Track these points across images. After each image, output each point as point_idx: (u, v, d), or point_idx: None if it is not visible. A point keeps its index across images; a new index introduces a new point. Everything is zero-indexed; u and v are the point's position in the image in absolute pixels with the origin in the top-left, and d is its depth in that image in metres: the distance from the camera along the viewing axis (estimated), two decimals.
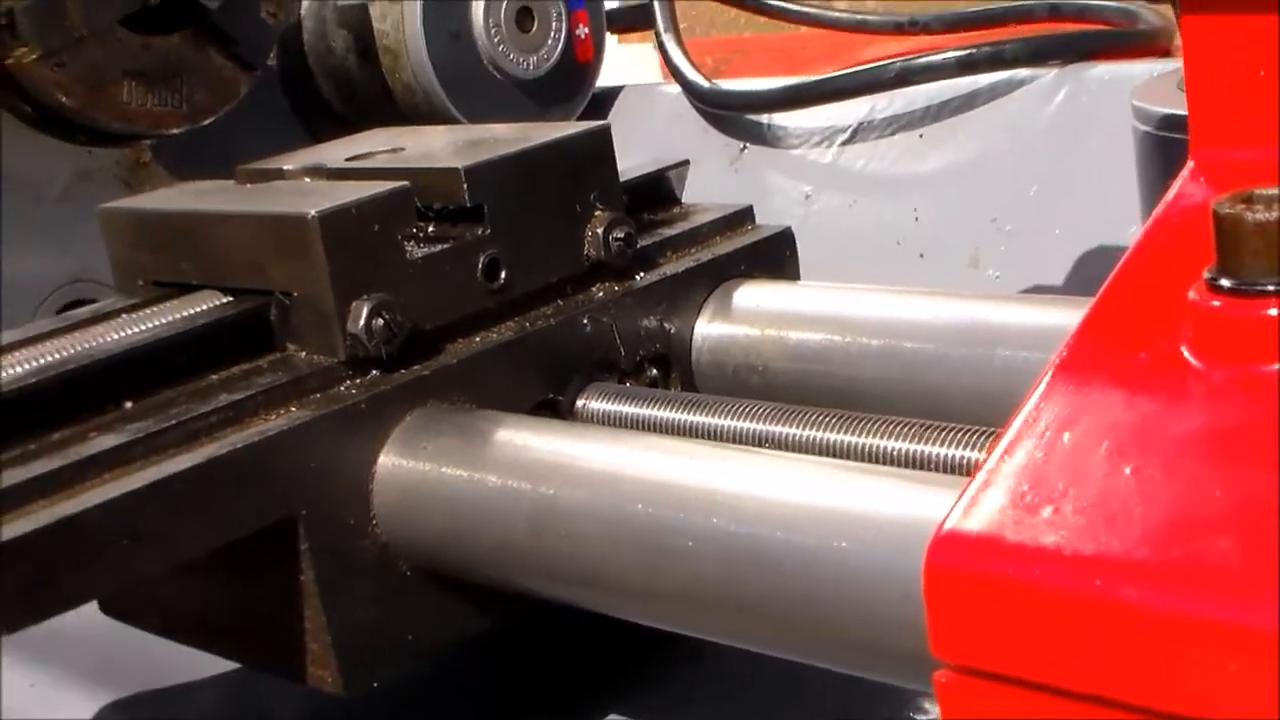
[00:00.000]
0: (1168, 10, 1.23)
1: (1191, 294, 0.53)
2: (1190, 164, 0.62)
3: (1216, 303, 0.52)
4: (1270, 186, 0.51)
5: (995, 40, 1.21)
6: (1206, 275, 0.53)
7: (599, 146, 0.87)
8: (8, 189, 1.22)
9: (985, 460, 0.53)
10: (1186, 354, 0.53)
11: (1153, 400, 0.52)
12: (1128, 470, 0.50)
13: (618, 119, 1.52)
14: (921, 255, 1.21)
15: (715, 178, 1.03)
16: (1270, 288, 0.50)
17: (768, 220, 0.98)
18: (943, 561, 0.51)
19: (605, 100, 1.52)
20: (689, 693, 0.85)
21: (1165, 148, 0.85)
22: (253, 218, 0.80)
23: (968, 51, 1.21)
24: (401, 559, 0.76)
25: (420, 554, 0.76)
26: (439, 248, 0.81)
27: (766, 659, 0.66)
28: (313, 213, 0.75)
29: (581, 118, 1.48)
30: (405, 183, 0.79)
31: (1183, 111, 0.84)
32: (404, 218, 0.79)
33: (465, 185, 0.81)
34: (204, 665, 0.88)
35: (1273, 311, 0.50)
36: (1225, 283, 0.52)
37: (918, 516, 0.56)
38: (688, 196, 1.00)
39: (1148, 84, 0.91)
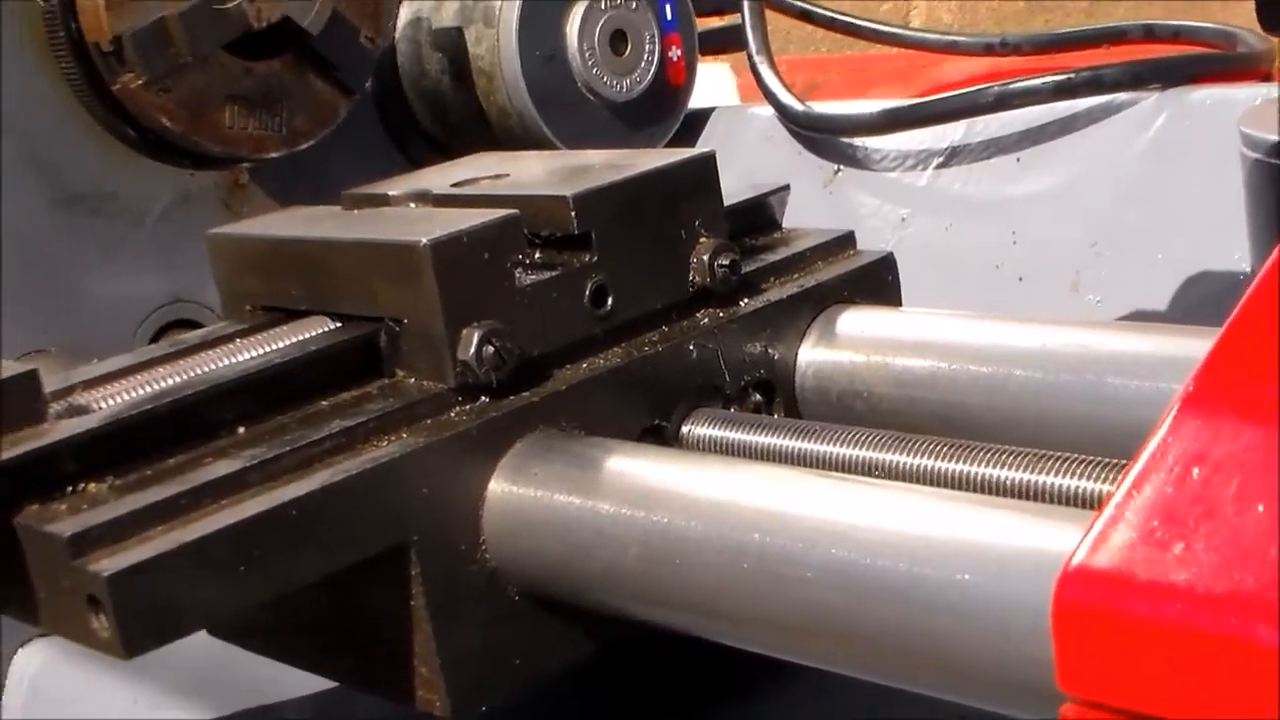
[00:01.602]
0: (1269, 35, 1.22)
1: None
2: None
3: None
4: None
5: (1093, 65, 1.20)
6: None
7: (703, 173, 0.88)
8: (109, 211, 1.23)
9: (1112, 493, 0.53)
10: None
11: None
12: (1260, 508, 0.50)
13: (709, 141, 1.52)
14: (1020, 279, 1.20)
15: (809, 200, 1.03)
16: None
17: (864, 243, 0.97)
18: (1072, 596, 0.51)
19: (696, 122, 1.53)
20: (783, 713, 0.85)
21: (1276, 175, 0.85)
22: (364, 245, 0.80)
23: (1065, 76, 1.21)
24: (510, 584, 0.76)
25: (529, 579, 0.76)
26: (547, 275, 0.81)
27: (861, 681, 0.66)
28: (425, 241, 0.76)
29: (672, 140, 1.48)
30: (515, 211, 0.80)
31: None
32: (513, 245, 0.80)
33: (573, 213, 0.82)
34: (300, 683, 0.88)
35: None
36: None
37: (1043, 549, 0.56)
38: (785, 221, 1.00)
39: (1254, 110, 0.90)
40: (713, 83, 1.88)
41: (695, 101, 1.53)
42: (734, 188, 0.93)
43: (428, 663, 0.75)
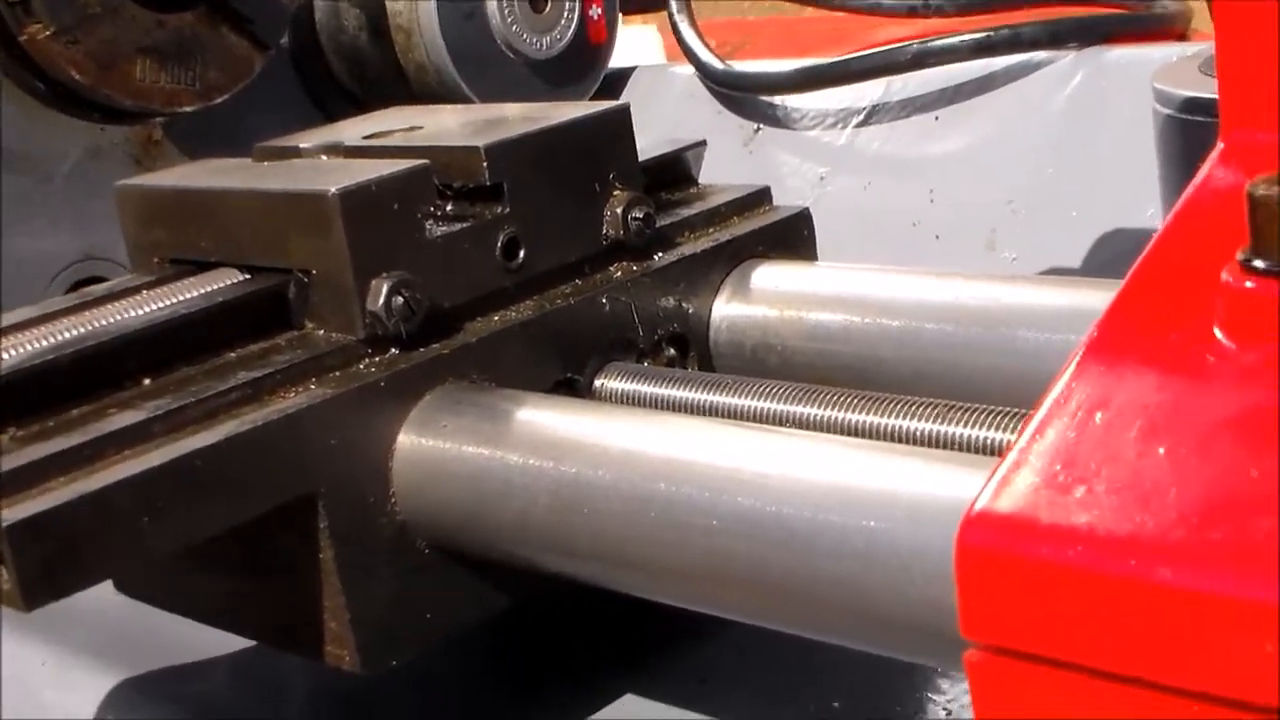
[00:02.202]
0: None
1: (1224, 275, 0.53)
2: (1220, 145, 0.61)
3: (1250, 284, 0.52)
4: None
5: (1012, 23, 1.20)
6: (1240, 257, 0.52)
7: (618, 126, 0.87)
8: (19, 167, 1.21)
9: (1015, 440, 0.53)
10: (1219, 334, 0.53)
11: (1185, 381, 0.52)
12: (1161, 451, 0.50)
13: (630, 99, 1.50)
14: (937, 237, 1.20)
15: (729, 159, 1.02)
16: None
17: (783, 202, 0.97)
18: (975, 541, 0.51)
19: (617, 81, 1.52)
20: (704, 671, 0.85)
21: (1186, 131, 0.85)
22: (272, 195, 0.79)
23: (985, 34, 1.21)
24: (420, 537, 0.76)
25: (440, 532, 0.75)
26: (458, 226, 0.81)
27: (781, 636, 0.66)
28: (333, 190, 0.75)
29: (593, 98, 1.47)
30: (425, 161, 0.79)
31: (1204, 94, 0.85)
32: (424, 196, 0.79)
33: (485, 163, 0.81)
34: (217, 642, 0.87)
35: None
36: (1259, 264, 0.52)
37: (947, 495, 0.56)
38: (703, 178, 0.99)
39: (1168, 67, 0.90)
40: (639, 44, 1.88)
41: (621, 61, 1.53)
42: (651, 145, 0.93)
43: (337, 617, 0.74)
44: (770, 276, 0.90)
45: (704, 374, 0.83)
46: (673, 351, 0.89)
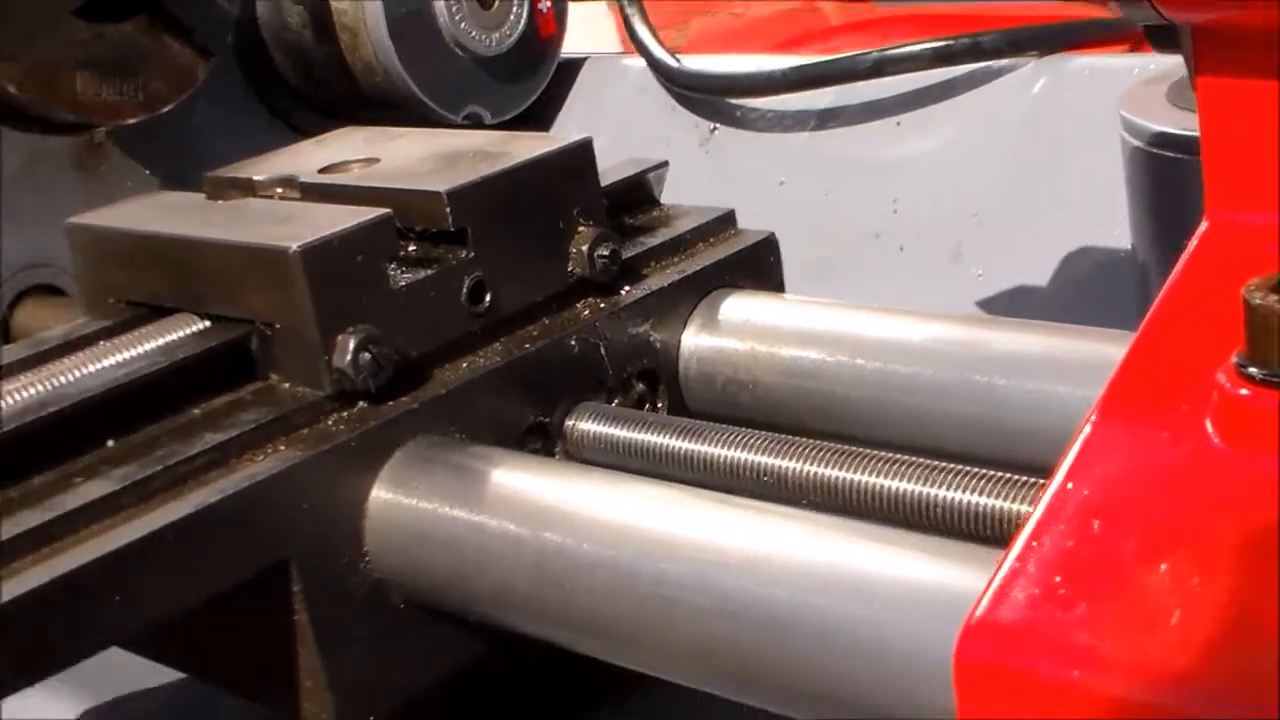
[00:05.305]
0: None
1: (1220, 377, 0.52)
2: (1205, 224, 0.60)
3: (1245, 391, 0.52)
4: None
5: (972, 32, 1.19)
6: (1235, 361, 0.52)
7: (581, 161, 0.86)
8: None
9: (1013, 542, 0.52)
10: (1213, 436, 0.53)
11: (1185, 491, 0.52)
12: (1163, 568, 0.49)
13: (581, 93, 1.49)
14: (901, 249, 1.19)
15: (685, 160, 1.01)
16: None
17: (742, 206, 0.96)
18: (975, 652, 0.50)
19: (567, 71, 1.49)
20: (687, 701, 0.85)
21: (1156, 164, 0.84)
22: (232, 247, 0.77)
23: (945, 43, 1.20)
24: (395, 594, 0.75)
25: (415, 590, 0.75)
26: (423, 274, 0.79)
27: None
28: (295, 247, 0.73)
29: (543, 91, 1.45)
30: (387, 210, 0.77)
31: (1174, 130, 0.84)
32: (386, 246, 0.77)
33: (449, 209, 0.79)
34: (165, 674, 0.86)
35: None
36: (1254, 372, 0.51)
37: (946, 592, 0.56)
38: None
39: (1135, 93, 0.89)
40: (587, 22, 1.85)
41: (568, 43, 1.50)
42: (606, 144, 0.90)
43: (313, 676, 0.74)
44: (740, 308, 0.89)
45: (677, 419, 0.82)
46: (642, 387, 0.88)
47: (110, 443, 0.73)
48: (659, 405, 0.88)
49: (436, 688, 0.78)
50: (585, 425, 0.83)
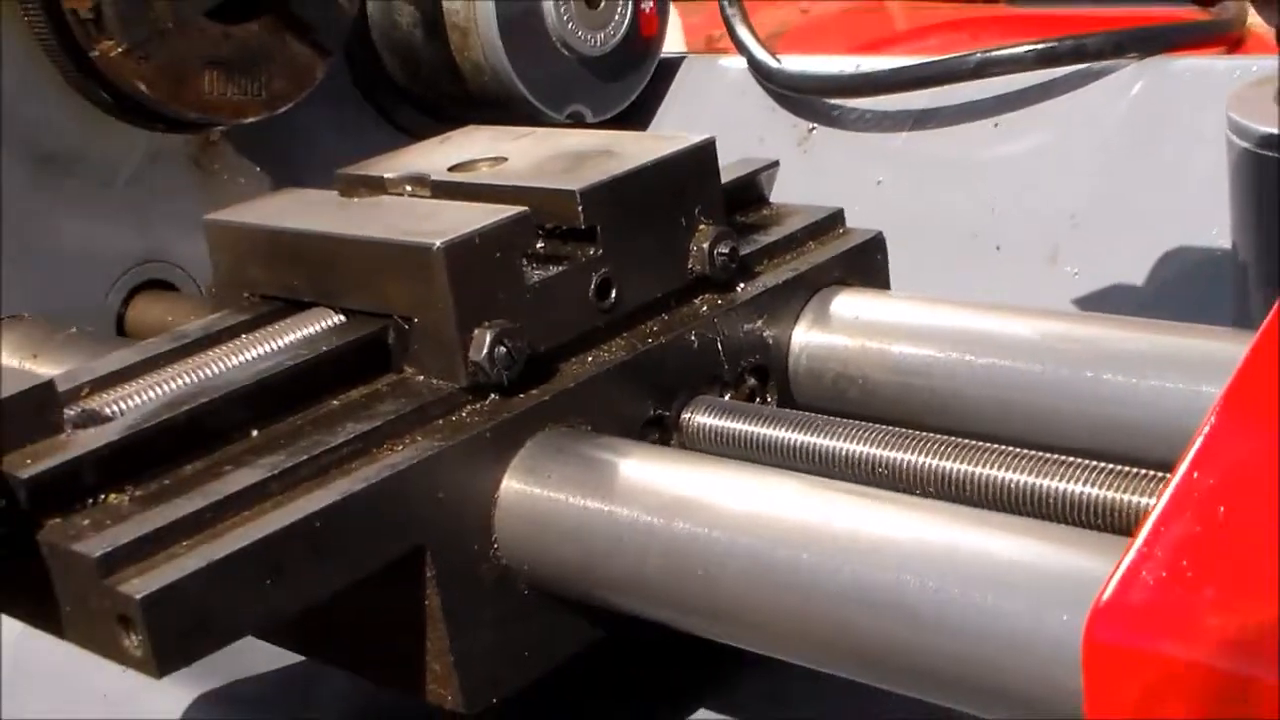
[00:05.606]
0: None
1: None
2: None
3: None
4: None
5: (1075, 34, 1.21)
6: None
7: (704, 161, 0.88)
8: (80, 171, 1.22)
9: (1139, 528, 0.55)
10: None
11: None
12: None
13: (680, 92, 1.52)
14: (998, 248, 1.21)
15: (784, 159, 1.02)
16: None
17: (840, 205, 0.98)
18: (1103, 634, 0.53)
19: (665, 71, 1.52)
20: (776, 689, 0.87)
21: (1263, 165, 0.86)
22: (372, 243, 0.81)
23: (1049, 44, 1.21)
24: (522, 581, 0.78)
25: (541, 578, 0.77)
26: (554, 270, 0.82)
27: None
28: (438, 244, 0.76)
29: (643, 91, 1.48)
30: (525, 209, 0.80)
31: None
32: (523, 243, 0.80)
33: (581, 207, 0.82)
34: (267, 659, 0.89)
35: None
36: None
37: (1073, 578, 0.58)
38: None
39: (1242, 94, 0.91)
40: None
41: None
42: (729, 165, 0.93)
43: (440, 660, 0.76)
44: (849, 305, 0.91)
45: (792, 412, 0.85)
46: (754, 382, 0.90)
47: (255, 433, 0.76)
48: (769, 400, 0.91)
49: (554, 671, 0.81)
50: (701, 418, 0.85)
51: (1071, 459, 0.71)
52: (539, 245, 0.84)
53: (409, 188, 0.89)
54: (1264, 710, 0.49)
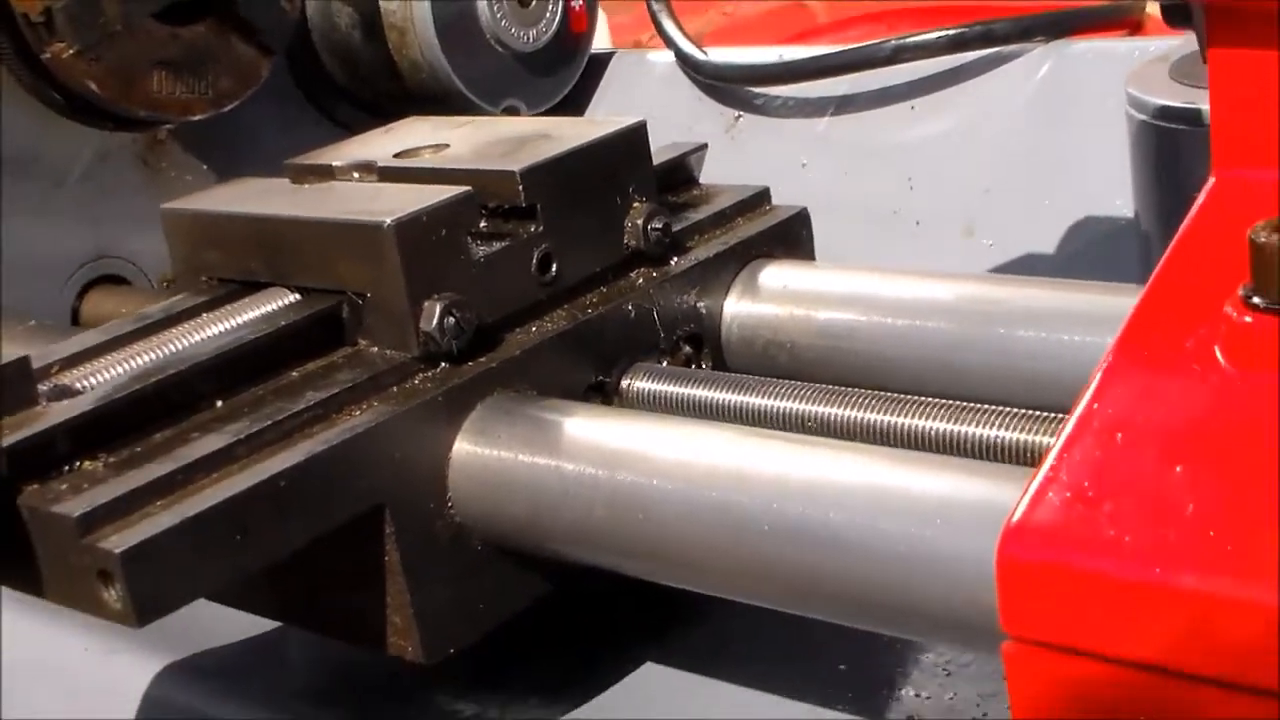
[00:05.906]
0: None
1: (1227, 308, 0.60)
2: (1212, 180, 0.68)
3: (1249, 318, 0.59)
4: None
5: (985, 20, 1.27)
6: (1241, 293, 0.60)
7: (637, 143, 0.93)
8: (31, 171, 1.25)
9: (1036, 444, 0.60)
10: (1222, 361, 0.60)
11: (1195, 404, 0.59)
12: (1178, 470, 0.57)
13: (611, 86, 1.57)
14: (918, 223, 1.27)
15: (713, 146, 1.08)
16: None
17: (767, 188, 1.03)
18: (1014, 550, 0.58)
19: (597, 67, 1.57)
20: (720, 640, 0.91)
21: (1160, 136, 0.92)
22: (325, 224, 0.85)
23: (958, 30, 1.28)
24: (476, 537, 0.82)
25: (495, 533, 0.82)
26: (497, 246, 0.87)
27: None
28: (389, 222, 0.81)
29: (575, 86, 1.53)
30: (469, 188, 0.85)
31: (1176, 103, 0.92)
32: (469, 220, 0.85)
33: (521, 187, 0.87)
34: (253, 625, 0.93)
35: None
36: (1258, 301, 0.59)
37: (986, 504, 0.63)
38: None
39: (1140, 72, 0.97)
40: None
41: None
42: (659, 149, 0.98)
43: (400, 613, 0.81)
44: (777, 276, 0.96)
45: (724, 375, 0.90)
46: (689, 349, 0.95)
47: (219, 403, 0.80)
48: (704, 366, 0.96)
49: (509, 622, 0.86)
50: (640, 383, 0.90)
51: (984, 406, 0.77)
52: (483, 224, 0.88)
53: (357, 174, 0.94)
54: (1159, 611, 0.54)
